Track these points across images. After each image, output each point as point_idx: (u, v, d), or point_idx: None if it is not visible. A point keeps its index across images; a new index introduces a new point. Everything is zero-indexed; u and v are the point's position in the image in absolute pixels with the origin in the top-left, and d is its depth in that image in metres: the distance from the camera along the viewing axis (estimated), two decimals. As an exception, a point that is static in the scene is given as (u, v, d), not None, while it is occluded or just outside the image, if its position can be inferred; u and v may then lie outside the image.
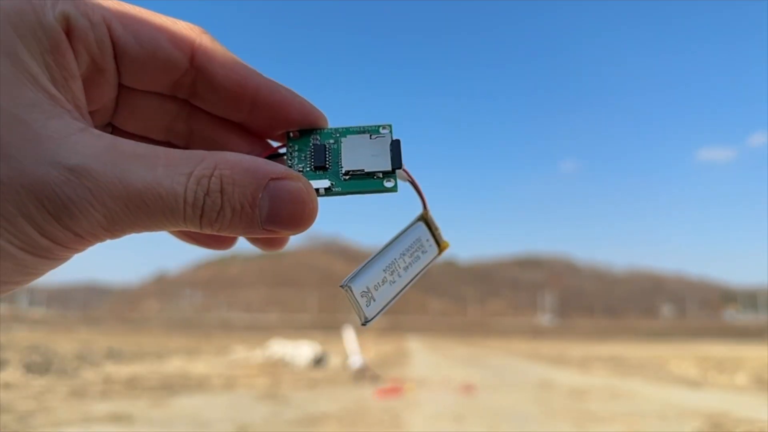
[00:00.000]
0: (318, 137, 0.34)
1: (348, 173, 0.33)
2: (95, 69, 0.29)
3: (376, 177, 0.33)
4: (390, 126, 0.35)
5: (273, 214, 0.28)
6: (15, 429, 3.83)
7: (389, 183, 0.32)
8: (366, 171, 0.33)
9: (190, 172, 0.26)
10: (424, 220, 0.36)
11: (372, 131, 0.34)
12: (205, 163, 0.27)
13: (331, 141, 0.34)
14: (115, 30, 0.28)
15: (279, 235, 0.29)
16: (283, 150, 0.35)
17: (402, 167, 0.33)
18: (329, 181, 0.32)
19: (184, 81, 0.32)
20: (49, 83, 0.26)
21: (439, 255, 0.37)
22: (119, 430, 3.93)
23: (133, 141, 0.27)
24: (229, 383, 6.42)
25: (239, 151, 0.34)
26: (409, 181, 0.34)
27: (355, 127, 0.35)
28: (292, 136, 0.34)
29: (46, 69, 0.26)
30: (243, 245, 0.37)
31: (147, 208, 0.25)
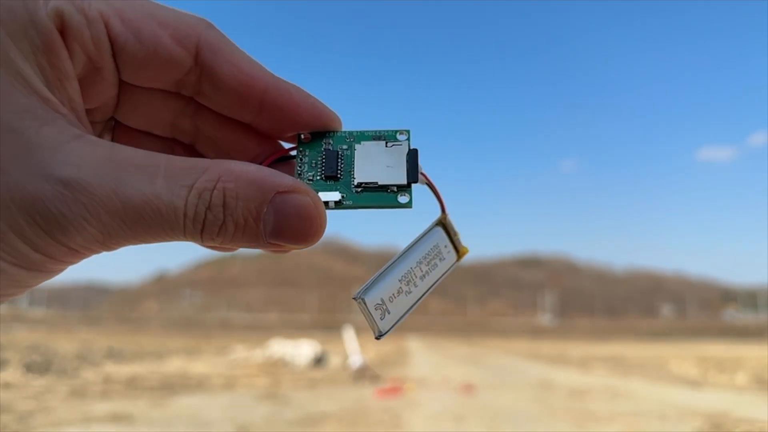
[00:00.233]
0: (330, 141, 0.33)
1: (360, 185, 0.31)
2: (92, 68, 0.27)
3: (390, 191, 0.31)
4: (408, 132, 0.33)
5: (278, 229, 0.27)
6: (15, 429, 3.83)
7: (404, 198, 0.31)
8: (380, 184, 0.31)
9: (191, 185, 0.25)
10: (442, 224, 0.34)
11: (388, 137, 0.33)
12: (207, 174, 0.25)
13: (345, 147, 0.33)
14: (113, 27, 0.27)
15: (284, 249, 0.28)
16: (294, 152, 0.33)
17: (418, 182, 0.31)
18: (340, 193, 0.31)
19: (188, 79, 0.30)
20: (42, 86, 0.24)
21: (458, 262, 0.35)
22: (119, 430, 3.93)
23: (132, 148, 0.25)
24: (229, 383, 6.42)
25: (247, 152, 0.33)
26: (426, 183, 0.32)
27: (371, 132, 0.33)
28: (303, 138, 0.33)
29: (39, 70, 0.24)
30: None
31: (145, 222, 0.24)
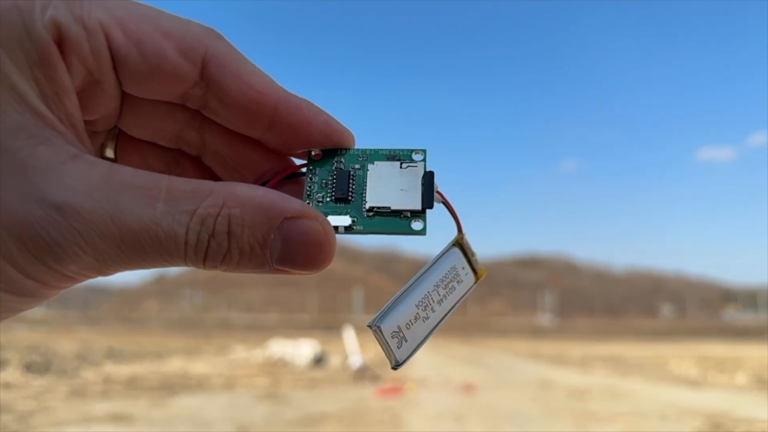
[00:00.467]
0: (342, 160, 0.31)
1: (372, 210, 0.30)
2: (92, 81, 0.26)
3: (403, 216, 0.29)
4: (424, 152, 0.31)
5: (285, 256, 0.26)
6: (15, 429, 3.83)
7: (417, 225, 0.29)
8: (393, 209, 0.29)
9: (194, 210, 0.24)
10: (459, 245, 0.32)
11: (403, 157, 0.31)
12: (211, 199, 0.24)
13: (357, 166, 0.31)
14: (114, 38, 0.25)
15: (291, 274, 0.27)
16: (304, 169, 0.32)
17: (433, 207, 0.30)
18: (350, 217, 0.29)
19: (194, 93, 0.28)
20: (38, 101, 0.23)
21: (476, 284, 0.33)
22: (119, 430, 3.93)
23: (132, 168, 0.24)
24: (229, 383, 6.42)
25: (256, 168, 0.32)
26: (442, 202, 0.31)
27: (385, 150, 0.31)
28: (313, 156, 0.31)
29: (35, 84, 0.23)
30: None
31: (143, 250, 0.23)
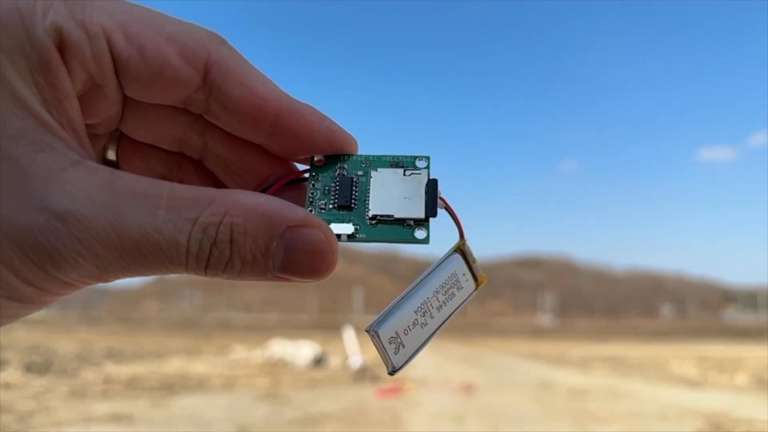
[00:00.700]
0: (345, 166, 0.31)
1: (375, 218, 0.29)
2: (94, 85, 0.26)
3: (406, 225, 0.29)
4: (428, 159, 0.31)
5: (287, 265, 0.26)
6: (15, 429, 3.83)
7: (421, 234, 0.29)
8: (396, 217, 0.29)
9: (196, 218, 0.24)
10: (460, 251, 0.32)
11: (407, 164, 0.31)
12: (213, 207, 0.24)
13: (360, 173, 0.31)
14: (116, 43, 0.25)
15: (293, 282, 0.27)
16: (307, 175, 0.32)
17: (437, 216, 0.30)
18: (353, 225, 0.29)
19: (197, 97, 0.28)
20: (39, 106, 0.23)
21: (476, 291, 0.32)
22: (119, 430, 3.93)
23: (134, 175, 0.24)
24: (229, 383, 6.43)
25: (258, 173, 0.32)
26: (445, 208, 0.31)
27: (388, 157, 0.31)
28: (316, 161, 0.31)
29: (36, 90, 0.23)
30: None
31: (144, 258, 0.23)
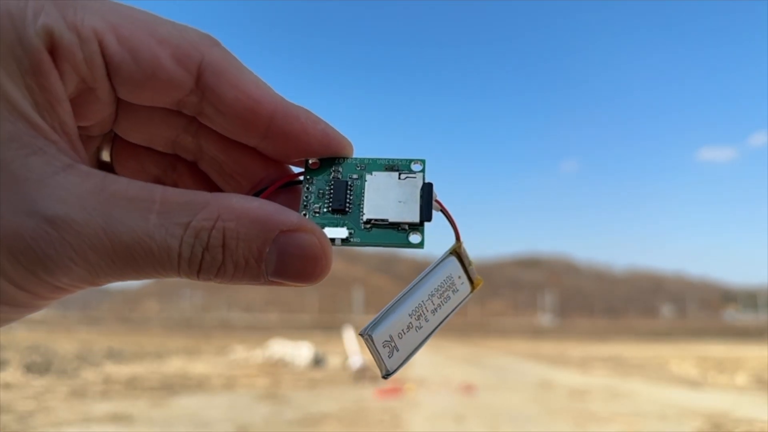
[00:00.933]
0: (340, 169, 0.31)
1: (370, 222, 0.29)
2: (86, 88, 0.26)
3: (401, 229, 0.29)
4: (423, 162, 0.31)
5: (280, 269, 0.26)
6: (15, 429, 3.83)
7: (415, 238, 0.29)
8: (390, 221, 0.29)
9: (188, 223, 0.24)
10: (456, 253, 0.32)
11: (402, 167, 0.31)
12: (206, 211, 0.24)
13: (354, 176, 0.31)
14: (108, 45, 0.25)
15: (287, 286, 0.27)
16: (301, 178, 0.32)
17: (432, 220, 0.29)
18: (347, 229, 0.29)
19: (190, 100, 0.28)
20: (31, 110, 0.23)
21: (471, 294, 0.32)
22: (119, 430, 3.94)
23: (126, 179, 0.24)
24: (229, 383, 6.43)
25: (252, 175, 0.32)
26: (441, 210, 0.31)
27: (383, 160, 0.31)
28: (310, 164, 0.31)
29: (27, 93, 0.23)
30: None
31: (135, 263, 0.23)
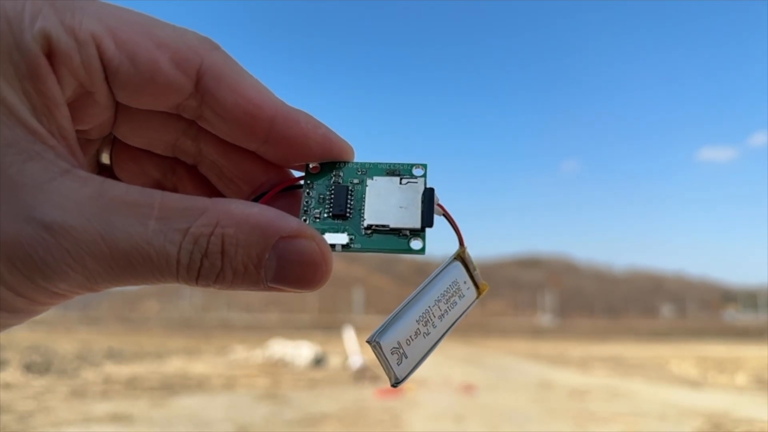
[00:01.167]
0: (341, 174, 0.31)
1: (370, 228, 0.29)
2: (84, 92, 0.26)
3: (402, 234, 0.29)
4: (425, 167, 0.31)
5: (280, 276, 0.25)
6: (15, 429, 3.83)
7: (416, 244, 0.29)
8: (391, 227, 0.29)
9: (187, 229, 0.23)
10: (461, 258, 0.31)
11: (403, 172, 0.31)
12: (205, 217, 0.24)
13: (356, 180, 0.31)
14: (106, 49, 0.24)
15: (286, 292, 0.27)
16: (302, 182, 0.31)
17: (433, 226, 0.29)
18: (348, 235, 0.29)
19: (189, 104, 0.28)
20: (29, 115, 0.23)
21: (477, 299, 0.32)
22: (119, 430, 3.94)
23: (124, 184, 0.24)
24: (229, 383, 6.43)
25: (252, 179, 0.32)
26: (443, 214, 0.31)
27: (384, 164, 0.31)
28: (311, 169, 0.31)
29: (25, 97, 0.23)
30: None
31: (134, 269, 0.23)
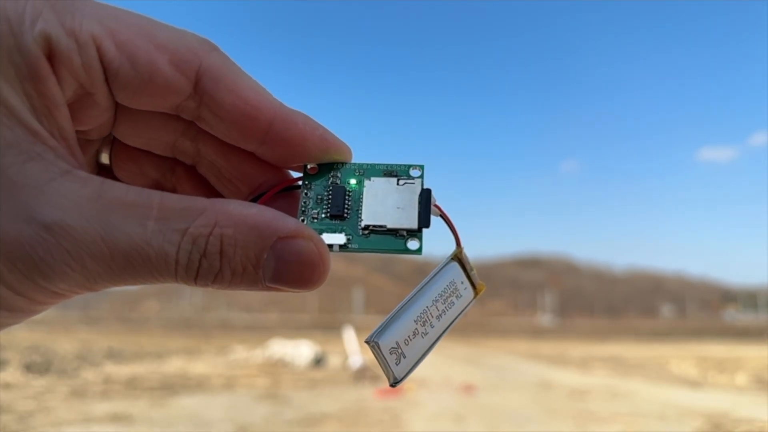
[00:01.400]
0: (339, 175, 0.31)
1: (368, 228, 0.30)
2: (84, 93, 0.26)
3: (399, 235, 0.29)
4: (422, 168, 0.31)
5: (278, 275, 0.26)
6: (15, 429, 3.83)
7: (413, 244, 0.29)
8: (388, 227, 0.29)
9: (185, 229, 0.24)
10: (458, 259, 0.32)
11: (400, 173, 0.31)
12: (203, 218, 0.24)
13: (353, 181, 0.31)
14: (106, 51, 0.25)
15: (284, 292, 0.27)
16: (300, 182, 0.32)
17: (430, 226, 0.29)
18: (345, 235, 0.29)
19: (188, 105, 0.28)
20: (30, 115, 0.23)
21: (475, 299, 0.32)
22: (119, 430, 3.94)
23: (124, 185, 0.24)
24: (229, 383, 6.43)
25: (251, 180, 0.32)
26: (440, 215, 0.31)
27: (382, 165, 0.31)
28: (309, 170, 0.31)
29: (25, 98, 0.23)
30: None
31: (133, 269, 0.23)
